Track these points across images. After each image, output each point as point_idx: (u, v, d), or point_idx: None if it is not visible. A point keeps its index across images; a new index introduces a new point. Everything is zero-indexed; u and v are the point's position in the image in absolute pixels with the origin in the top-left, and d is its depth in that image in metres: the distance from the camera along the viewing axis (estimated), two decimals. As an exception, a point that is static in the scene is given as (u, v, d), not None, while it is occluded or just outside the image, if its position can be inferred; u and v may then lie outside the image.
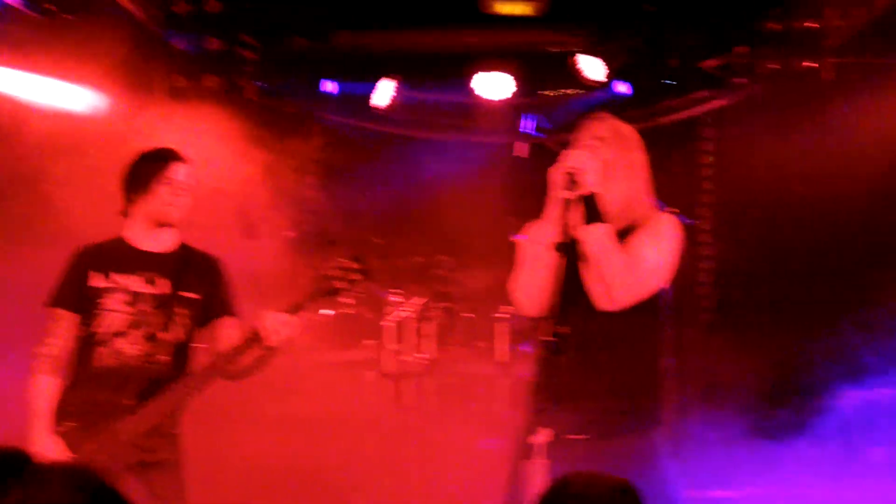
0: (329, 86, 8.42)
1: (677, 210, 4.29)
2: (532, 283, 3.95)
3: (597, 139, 4.12)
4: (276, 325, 4.47)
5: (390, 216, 8.37)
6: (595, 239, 3.92)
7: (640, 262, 3.95)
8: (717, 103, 8.13)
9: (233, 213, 7.20)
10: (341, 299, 7.34)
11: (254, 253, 7.02)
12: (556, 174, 3.94)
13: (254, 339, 4.50)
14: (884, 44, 7.49)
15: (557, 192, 3.93)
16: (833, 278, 8.03)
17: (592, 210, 3.93)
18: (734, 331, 8.03)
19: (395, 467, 6.94)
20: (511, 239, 7.00)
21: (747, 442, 7.33)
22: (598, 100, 8.26)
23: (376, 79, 8.45)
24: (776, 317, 7.96)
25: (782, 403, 7.68)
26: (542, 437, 3.62)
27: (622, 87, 7.98)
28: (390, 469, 6.94)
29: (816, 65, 7.05)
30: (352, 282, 4.66)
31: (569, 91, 8.50)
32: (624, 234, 4.03)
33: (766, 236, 8.02)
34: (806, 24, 7.06)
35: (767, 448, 7.23)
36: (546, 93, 8.63)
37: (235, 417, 6.62)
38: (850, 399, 7.36)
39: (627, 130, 4.21)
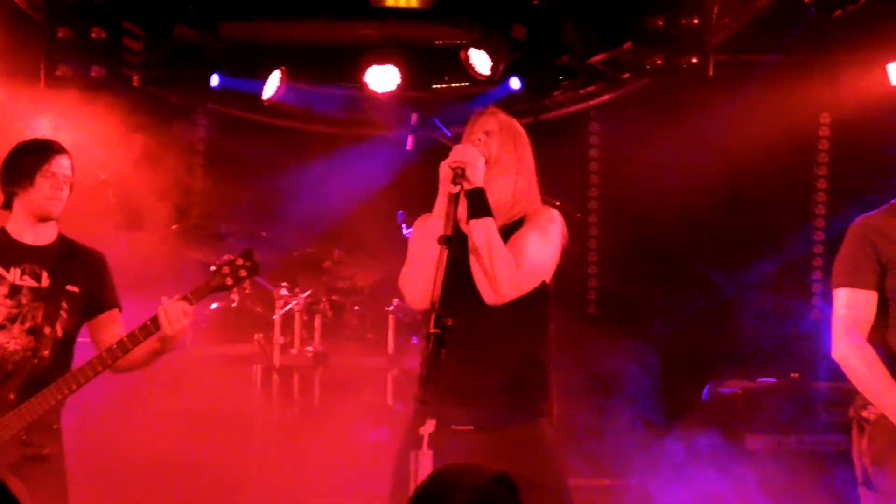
0: (215, 79, 8.32)
1: (565, 203, 4.34)
2: (419, 276, 3.97)
3: (484, 133, 4.15)
4: (175, 313, 4.42)
5: (278, 209, 8.31)
6: (481, 233, 3.95)
7: (525, 256, 3.99)
8: (603, 98, 8.24)
9: (116, 205, 7.09)
10: (230, 294, 7.39)
11: (138, 245, 6.93)
12: (444, 168, 3.96)
13: (151, 326, 4.44)
14: (765, 41, 7.67)
15: (445, 186, 3.95)
16: (715, 270, 8.21)
17: (479, 204, 3.96)
18: (620, 321, 8.16)
19: (283, 460, 6.90)
20: (401, 232, 7.05)
21: (633, 431, 7.46)
22: (487, 94, 8.32)
23: (264, 70, 8.38)
24: (660, 307, 8.11)
25: (667, 392, 7.83)
26: (429, 428, 3.64)
27: (515, 84, 8.03)
28: (279, 462, 6.90)
29: (698, 61, 7.17)
30: (240, 278, 4.63)
31: (459, 85, 8.54)
32: (511, 228, 4.07)
33: (649, 229, 8.17)
34: (689, 20, 7.18)
35: (652, 437, 7.36)
36: (436, 86, 8.66)
37: (120, 412, 6.53)
38: (733, 387, 7.54)
39: (515, 125, 4.24)
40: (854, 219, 4.41)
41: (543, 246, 4.05)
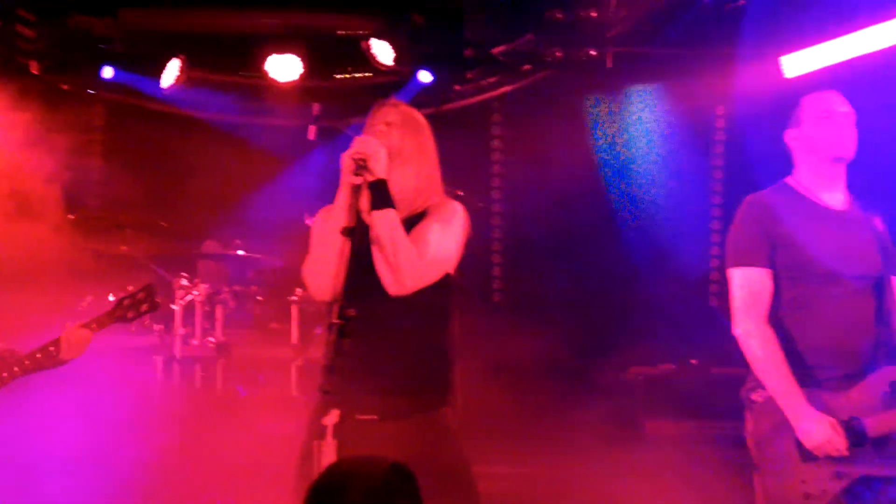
0: (109, 71, 8.19)
1: (468, 194, 4.36)
2: (322, 266, 3.96)
3: (386, 125, 4.15)
4: (78, 340, 4.42)
5: (179, 198, 8.22)
6: (383, 224, 3.95)
7: (428, 247, 4.01)
8: (504, 89, 8.29)
9: (8, 194, 6.95)
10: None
11: (28, 235, 6.80)
12: (346, 160, 3.96)
13: (54, 351, 4.41)
14: (662, 34, 7.78)
15: (347, 177, 3.95)
16: (615, 257, 8.32)
17: (382, 195, 3.96)
18: (524, 310, 8.23)
19: (185, 453, 6.84)
20: (303, 221, 7.02)
21: (537, 418, 7.53)
22: (389, 84, 8.33)
23: (163, 58, 8.28)
24: (564, 295, 8.19)
25: (570, 379, 7.91)
26: (333, 418, 3.65)
27: (426, 77, 8.02)
28: (181, 455, 6.84)
29: (597, 53, 7.25)
30: (140, 313, 4.76)
31: (361, 75, 8.53)
32: (414, 220, 4.08)
33: (551, 218, 8.25)
34: (588, 13, 7.25)
35: (556, 423, 7.44)
36: (338, 76, 8.64)
37: (14, 406, 6.41)
38: (634, 374, 7.66)
39: (417, 116, 4.24)
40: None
41: (446, 238, 4.07)
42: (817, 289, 4.25)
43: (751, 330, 4.27)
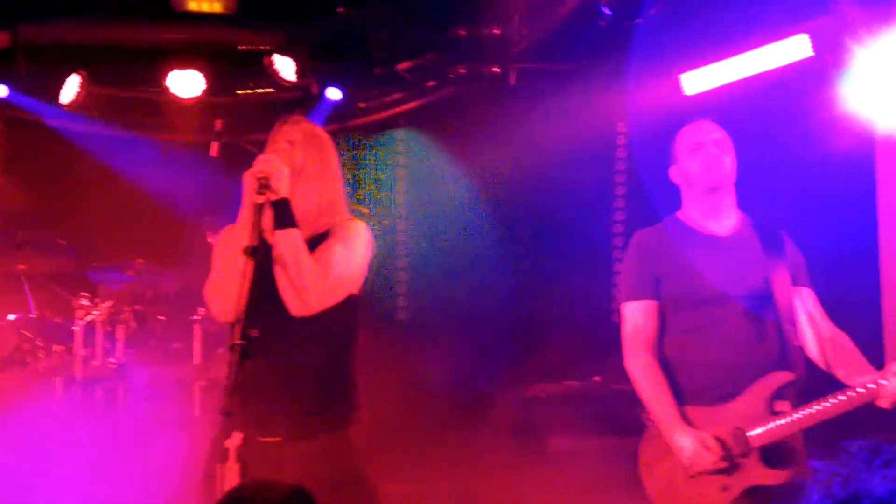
0: (3, 89, 8.04)
1: (373, 211, 4.35)
2: (225, 287, 3.92)
3: (289, 143, 4.13)
4: None
5: (78, 215, 8.09)
6: (286, 244, 3.92)
7: (332, 267, 3.99)
8: (409, 105, 8.31)
9: None
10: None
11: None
12: (248, 178, 3.92)
13: None
14: (564, 51, 7.86)
15: (249, 196, 3.92)
16: (519, 274, 8.37)
17: (285, 214, 3.94)
18: (429, 327, 8.23)
19: (87, 476, 6.73)
20: (205, 239, 6.95)
21: (443, 434, 7.54)
22: (292, 100, 8.29)
23: (64, 73, 8.15)
24: (469, 312, 8.21)
25: (474, 396, 7.94)
26: (235, 441, 3.61)
27: (335, 94, 7.97)
28: (82, 478, 6.73)
29: (500, 70, 7.30)
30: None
31: (264, 91, 8.48)
32: (318, 239, 4.06)
33: (456, 234, 8.27)
34: (490, 31, 7.30)
35: (461, 440, 7.46)
36: (241, 92, 8.58)
37: None
38: (537, 390, 7.70)
39: (320, 133, 4.23)
40: (657, 222, 4.60)
41: (350, 257, 4.06)
42: (705, 314, 4.38)
43: (633, 359, 4.40)
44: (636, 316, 4.42)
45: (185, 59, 8.18)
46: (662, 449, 4.33)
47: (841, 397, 4.13)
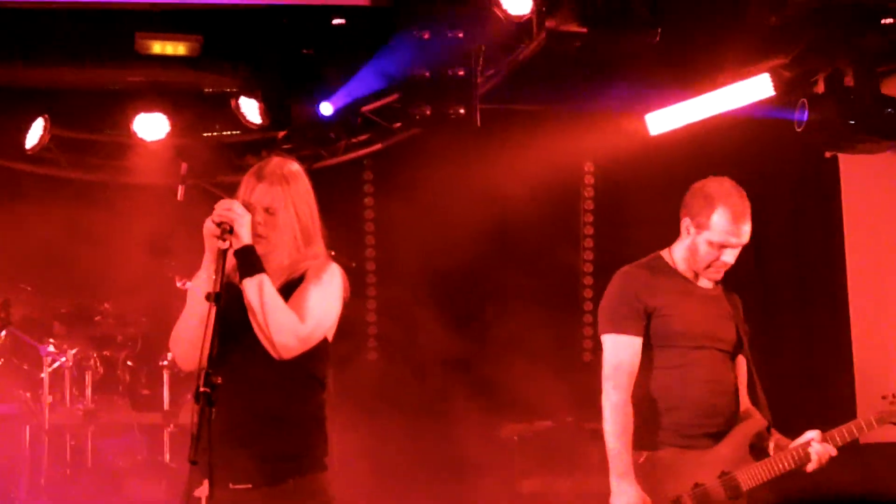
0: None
1: (339, 254, 4.34)
2: (187, 333, 3.89)
3: (262, 182, 4.05)
4: None
5: (44, 261, 8.02)
6: (253, 292, 3.86)
7: (308, 312, 3.93)
8: (375, 147, 8.32)
9: None
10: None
11: None
12: (209, 225, 3.85)
13: None
14: (529, 92, 7.91)
15: (210, 242, 3.87)
16: (489, 312, 8.37)
17: (250, 262, 3.87)
18: (400, 368, 8.20)
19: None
20: (173, 284, 6.92)
21: (414, 478, 7.51)
22: (258, 142, 8.29)
23: (26, 116, 8.11)
24: (440, 353, 8.18)
25: (447, 437, 7.91)
26: (205, 490, 3.58)
27: (326, 109, 7.89)
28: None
29: (465, 111, 7.32)
30: None
31: (230, 133, 8.47)
32: (294, 283, 3.98)
33: (425, 276, 8.25)
34: (455, 71, 7.32)
35: (433, 481, 7.44)
36: (206, 134, 8.56)
37: None
38: (509, 431, 7.69)
39: (293, 172, 4.07)
40: (619, 265, 4.65)
41: (325, 300, 4.01)
42: (687, 355, 4.51)
43: (612, 396, 4.46)
44: (621, 351, 4.47)
45: (149, 101, 8.15)
46: (652, 488, 4.37)
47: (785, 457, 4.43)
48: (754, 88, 7.22)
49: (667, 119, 7.63)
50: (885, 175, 7.64)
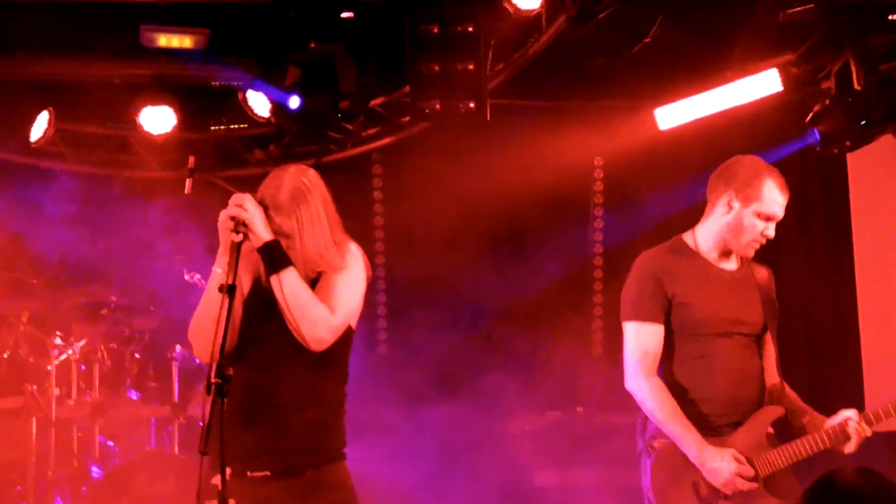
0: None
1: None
2: (203, 325, 3.89)
3: (279, 180, 4.05)
4: None
5: (52, 254, 8.01)
6: (285, 287, 3.87)
7: (337, 300, 3.95)
8: (384, 140, 8.31)
9: None
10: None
11: None
12: (223, 218, 3.88)
13: None
14: (539, 87, 7.91)
15: (225, 235, 3.88)
16: (500, 304, 8.37)
17: (275, 257, 3.89)
18: (410, 361, 8.18)
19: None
20: (181, 277, 6.91)
21: (425, 469, 7.50)
22: (266, 136, 8.28)
23: (32, 110, 8.09)
24: (449, 346, 8.17)
25: (458, 430, 7.90)
26: (224, 476, 3.58)
27: (293, 102, 7.83)
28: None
29: (475, 105, 7.31)
30: None
31: (237, 126, 8.46)
32: (318, 278, 4.00)
33: (435, 270, 8.23)
34: (465, 66, 7.31)
35: (444, 474, 7.44)
36: (214, 127, 8.55)
37: None
38: (521, 423, 7.68)
39: (310, 177, 4.10)
40: (629, 260, 4.65)
41: (352, 288, 4.05)
42: (710, 344, 4.49)
43: (643, 384, 4.43)
44: (645, 338, 4.46)
45: (156, 95, 8.13)
46: (672, 474, 4.37)
47: (819, 437, 4.38)
48: (763, 84, 7.23)
49: (676, 114, 7.64)
50: (893, 165, 7.65)
